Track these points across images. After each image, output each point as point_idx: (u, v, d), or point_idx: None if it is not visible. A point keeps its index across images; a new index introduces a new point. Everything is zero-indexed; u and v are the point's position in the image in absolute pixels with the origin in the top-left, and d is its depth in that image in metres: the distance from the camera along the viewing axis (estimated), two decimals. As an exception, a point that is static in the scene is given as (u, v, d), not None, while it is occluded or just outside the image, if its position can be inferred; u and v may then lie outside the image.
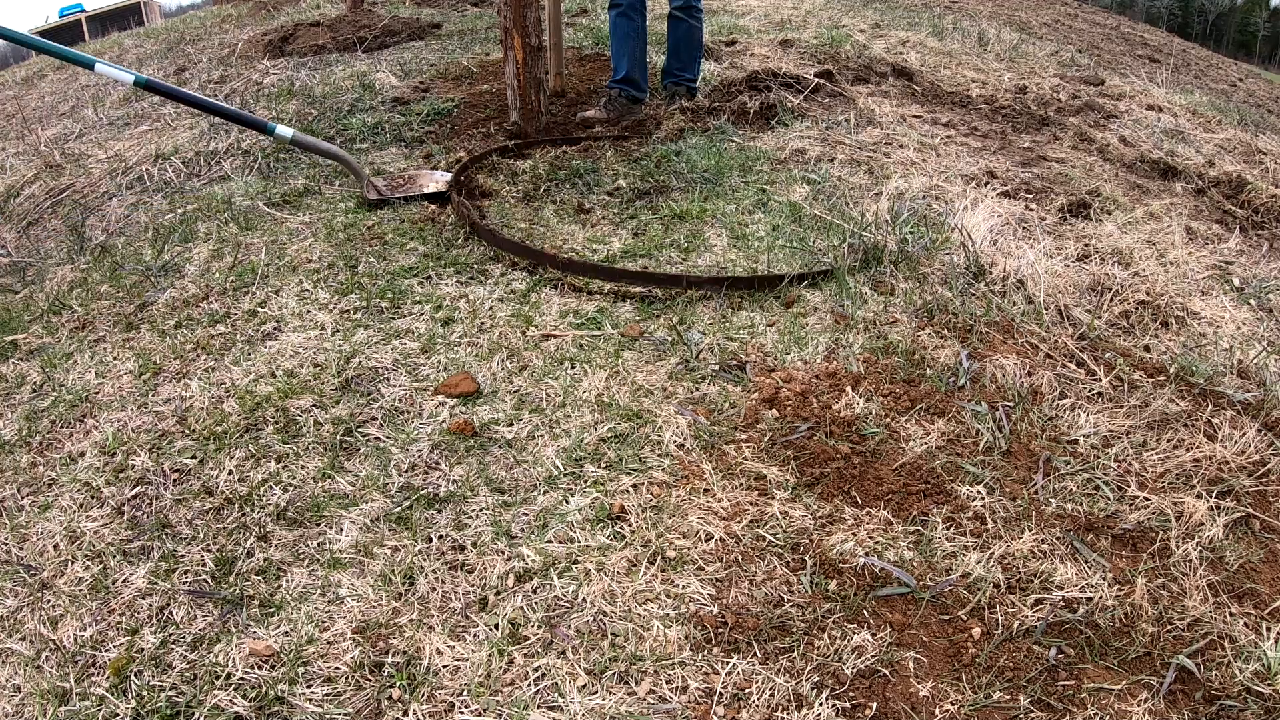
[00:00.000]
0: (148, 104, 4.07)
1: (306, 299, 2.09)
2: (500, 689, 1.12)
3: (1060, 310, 2.07)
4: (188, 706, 1.11)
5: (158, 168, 3.05)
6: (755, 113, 3.54)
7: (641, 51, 3.44)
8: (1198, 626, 1.23)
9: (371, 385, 1.75)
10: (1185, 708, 1.12)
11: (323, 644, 1.19)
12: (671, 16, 3.48)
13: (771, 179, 2.86)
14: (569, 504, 1.44)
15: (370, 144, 3.27)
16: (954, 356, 1.83)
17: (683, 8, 3.44)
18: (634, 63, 3.45)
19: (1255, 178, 3.40)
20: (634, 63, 3.45)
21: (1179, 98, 5.09)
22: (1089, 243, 2.49)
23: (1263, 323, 2.19)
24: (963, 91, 4.32)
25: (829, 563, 1.32)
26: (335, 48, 4.96)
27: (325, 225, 2.50)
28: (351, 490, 1.48)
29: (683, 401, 1.70)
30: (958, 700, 1.12)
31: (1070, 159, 3.48)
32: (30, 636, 1.23)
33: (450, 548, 1.36)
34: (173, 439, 1.62)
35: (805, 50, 4.57)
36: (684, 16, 3.47)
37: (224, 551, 1.36)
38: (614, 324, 1.98)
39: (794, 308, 2.04)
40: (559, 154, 3.17)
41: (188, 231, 2.49)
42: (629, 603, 1.25)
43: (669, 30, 3.58)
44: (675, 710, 1.09)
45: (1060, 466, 1.54)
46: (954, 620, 1.24)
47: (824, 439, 1.58)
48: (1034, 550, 1.34)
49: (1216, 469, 1.53)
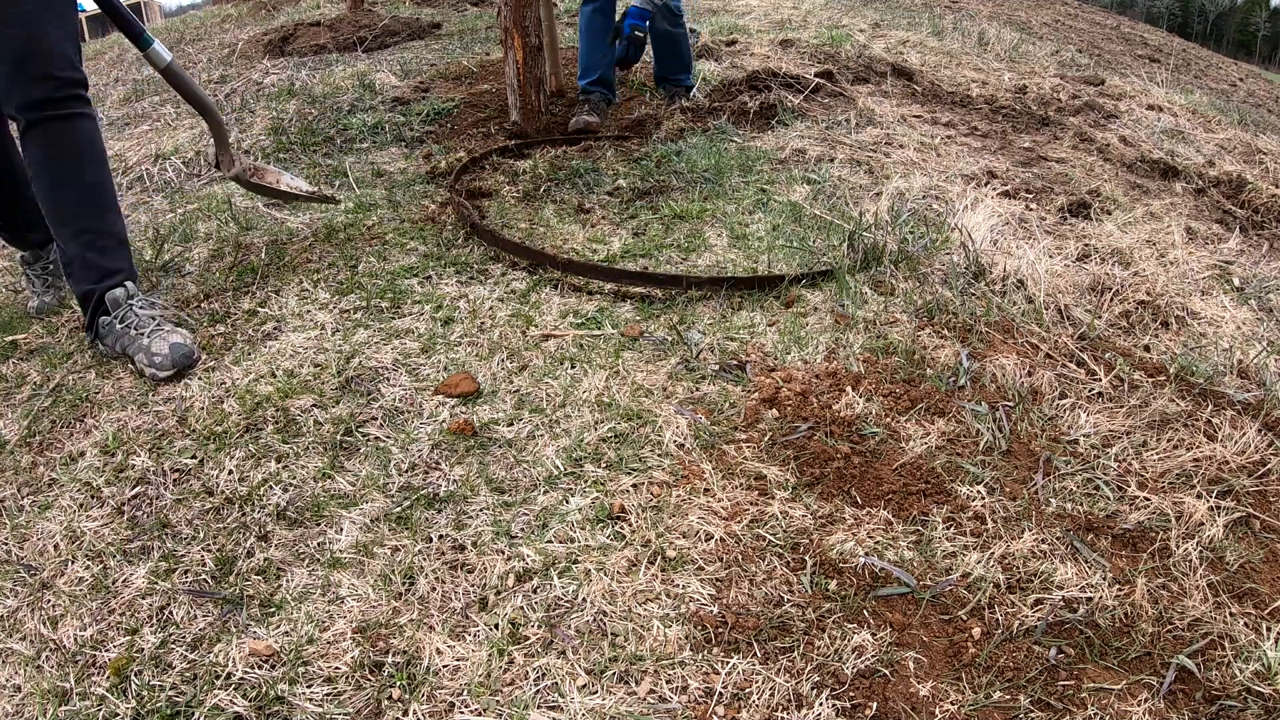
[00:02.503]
0: (148, 104, 4.07)
1: (306, 299, 2.09)
2: (500, 689, 1.12)
3: (1060, 310, 2.07)
4: (188, 706, 1.11)
5: (158, 168, 3.06)
6: (755, 113, 3.54)
7: (613, 52, 3.45)
8: (1198, 626, 1.23)
9: (371, 385, 1.75)
10: (1185, 708, 1.12)
11: (323, 644, 1.19)
12: (654, 24, 3.47)
13: (771, 179, 2.86)
14: (569, 504, 1.44)
15: (370, 144, 3.27)
16: (954, 356, 1.83)
17: (669, 16, 3.44)
18: (608, 64, 3.46)
19: (1255, 178, 3.40)
20: (608, 64, 3.46)
21: (1179, 98, 5.09)
22: (1089, 243, 2.49)
23: (1263, 323, 2.19)
24: (963, 91, 4.32)
25: (829, 563, 1.32)
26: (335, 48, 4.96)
27: (325, 225, 2.51)
28: (351, 490, 1.48)
29: (683, 401, 1.70)
30: (958, 700, 1.12)
31: (1070, 159, 3.48)
32: (30, 636, 1.23)
33: (450, 548, 1.36)
34: (173, 439, 1.62)
35: (805, 50, 4.57)
36: (668, 25, 3.47)
37: (224, 551, 1.36)
38: (614, 324, 1.98)
39: (794, 308, 2.04)
40: (559, 154, 3.17)
41: (188, 231, 2.49)
42: (629, 602, 1.25)
43: (652, 39, 3.58)
44: (675, 710, 1.09)
45: (1060, 466, 1.54)
46: (954, 620, 1.24)
47: (824, 439, 1.58)
48: (1034, 550, 1.34)
49: (1216, 469, 1.53)
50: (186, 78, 2.20)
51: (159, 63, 2.12)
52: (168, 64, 2.13)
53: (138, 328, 1.82)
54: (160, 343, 1.78)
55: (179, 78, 2.18)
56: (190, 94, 2.23)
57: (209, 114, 2.28)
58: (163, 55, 2.12)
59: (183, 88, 2.21)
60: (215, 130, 2.30)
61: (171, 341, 1.78)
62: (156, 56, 2.10)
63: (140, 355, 1.80)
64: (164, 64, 2.12)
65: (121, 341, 1.83)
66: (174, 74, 2.16)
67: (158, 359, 1.75)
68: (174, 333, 1.83)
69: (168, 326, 1.85)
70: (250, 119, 3.50)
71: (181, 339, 1.81)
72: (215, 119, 2.29)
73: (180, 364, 1.78)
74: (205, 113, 2.28)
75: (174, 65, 2.15)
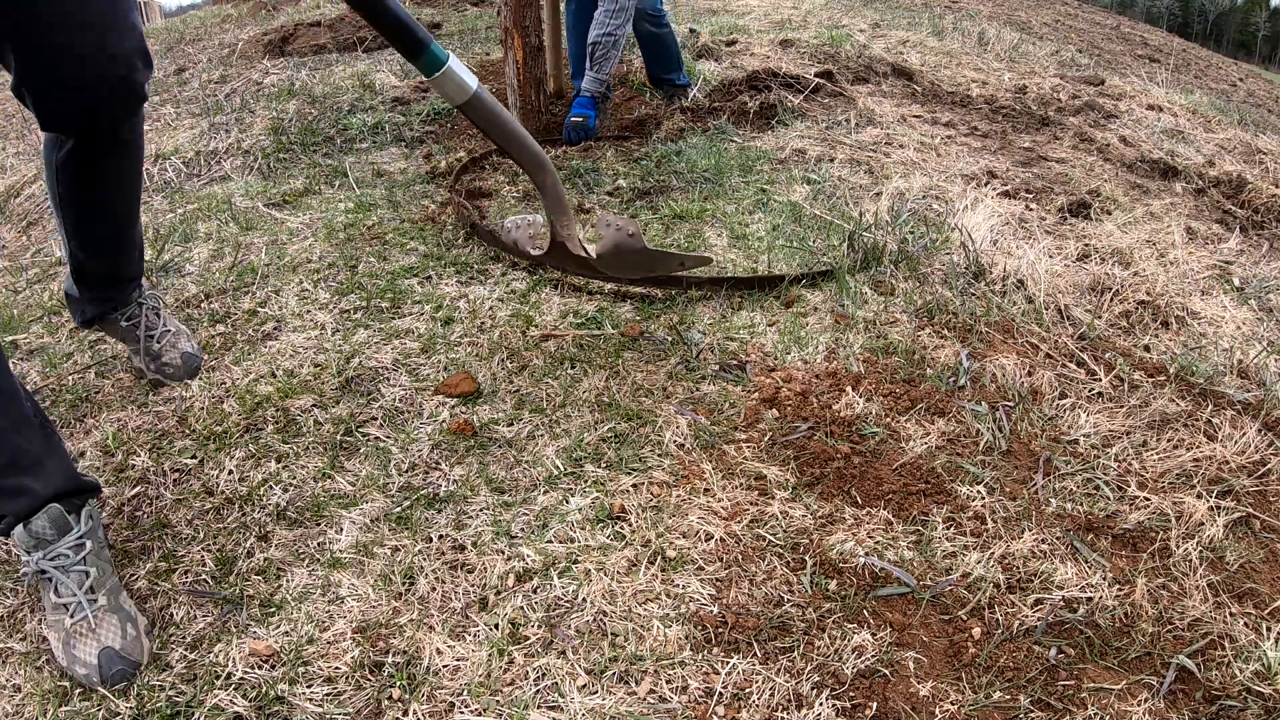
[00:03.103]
0: (147, 104, 4.06)
1: (306, 299, 2.09)
2: (500, 689, 1.12)
3: (1060, 310, 2.07)
4: (188, 706, 1.11)
5: (158, 168, 3.05)
6: (755, 113, 3.54)
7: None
8: (1198, 626, 1.23)
9: (371, 385, 1.75)
10: (1185, 708, 1.12)
11: (323, 644, 1.19)
12: (637, 28, 3.48)
13: (771, 179, 2.86)
14: (569, 504, 1.44)
15: (371, 144, 3.27)
16: (954, 356, 1.83)
17: (651, 19, 3.44)
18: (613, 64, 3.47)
19: (1255, 178, 3.40)
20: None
21: (1179, 97, 5.09)
22: (1089, 243, 2.49)
23: (1263, 323, 2.19)
24: (963, 91, 4.32)
25: (829, 563, 1.32)
26: (335, 48, 4.96)
27: (325, 225, 2.51)
28: (351, 490, 1.48)
29: (683, 401, 1.70)
30: (958, 700, 1.12)
31: (1070, 159, 3.48)
32: (30, 636, 1.23)
33: (450, 547, 1.36)
34: (173, 439, 1.62)
35: (805, 50, 4.57)
36: (652, 26, 3.47)
37: (224, 551, 1.36)
38: (614, 324, 1.98)
39: (794, 308, 2.04)
40: (559, 154, 3.17)
41: (188, 231, 2.49)
42: (629, 602, 1.25)
43: (640, 41, 3.59)
44: (675, 710, 1.09)
45: (1060, 466, 1.54)
46: (954, 620, 1.24)
47: (824, 439, 1.58)
48: (1034, 550, 1.34)
49: (1216, 469, 1.53)
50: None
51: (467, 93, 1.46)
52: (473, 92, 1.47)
53: (148, 330, 1.76)
54: (172, 351, 1.75)
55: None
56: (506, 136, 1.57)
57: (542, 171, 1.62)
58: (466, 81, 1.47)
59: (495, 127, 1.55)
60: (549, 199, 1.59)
61: (184, 350, 1.76)
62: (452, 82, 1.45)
63: (149, 362, 1.76)
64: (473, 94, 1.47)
65: (130, 339, 1.77)
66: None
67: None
68: (184, 337, 1.79)
69: (174, 327, 1.81)
70: (250, 119, 3.50)
71: (191, 347, 1.79)
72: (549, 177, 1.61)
73: (193, 374, 1.76)
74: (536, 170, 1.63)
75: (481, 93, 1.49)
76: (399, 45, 1.38)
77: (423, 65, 1.41)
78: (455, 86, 1.42)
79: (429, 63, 1.40)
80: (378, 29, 1.35)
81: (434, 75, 1.41)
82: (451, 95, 1.43)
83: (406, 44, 1.37)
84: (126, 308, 1.75)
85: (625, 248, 1.58)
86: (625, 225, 1.53)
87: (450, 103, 1.45)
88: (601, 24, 3.08)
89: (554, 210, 1.55)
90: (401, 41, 1.37)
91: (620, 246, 1.57)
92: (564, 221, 1.56)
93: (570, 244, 1.59)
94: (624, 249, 1.58)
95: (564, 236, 1.57)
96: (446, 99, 1.44)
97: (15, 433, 1.19)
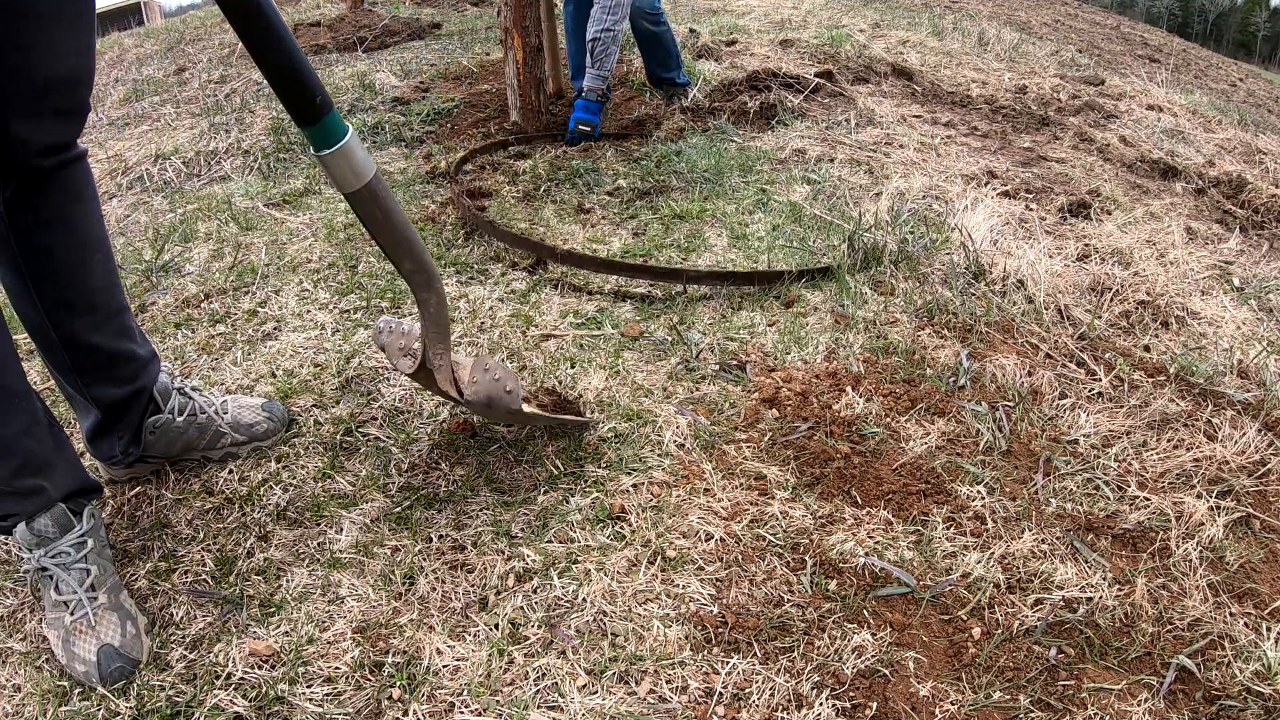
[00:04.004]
0: (147, 104, 4.07)
1: (306, 299, 2.09)
2: (500, 689, 1.12)
3: (1060, 310, 2.07)
4: (188, 706, 1.11)
5: (158, 168, 3.05)
6: (755, 113, 3.54)
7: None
8: (1198, 626, 1.23)
9: (371, 385, 1.75)
10: (1185, 708, 1.12)
11: (323, 644, 1.19)
12: (636, 27, 3.48)
13: (771, 179, 2.86)
14: (569, 504, 1.44)
15: (371, 144, 3.27)
16: (954, 356, 1.83)
17: (648, 18, 3.45)
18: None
19: (1255, 178, 3.40)
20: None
21: (1179, 97, 5.09)
22: (1089, 243, 2.49)
23: (1263, 323, 2.19)
24: (963, 91, 4.32)
25: (829, 563, 1.32)
26: (335, 48, 4.96)
27: (325, 225, 2.51)
28: (351, 490, 1.48)
29: (683, 401, 1.70)
30: (958, 700, 1.12)
31: (1070, 159, 3.48)
32: (30, 636, 1.23)
33: (450, 548, 1.36)
34: (173, 439, 1.62)
35: (805, 50, 4.57)
36: (649, 25, 3.48)
37: (224, 551, 1.36)
38: (614, 324, 1.98)
39: (794, 307, 2.04)
40: (559, 154, 3.17)
41: (188, 231, 2.49)
42: (629, 603, 1.25)
43: (638, 40, 3.60)
44: (675, 710, 1.09)
45: (1060, 466, 1.54)
46: (954, 620, 1.24)
47: (824, 439, 1.58)
48: (1034, 550, 1.34)
49: (1216, 469, 1.53)
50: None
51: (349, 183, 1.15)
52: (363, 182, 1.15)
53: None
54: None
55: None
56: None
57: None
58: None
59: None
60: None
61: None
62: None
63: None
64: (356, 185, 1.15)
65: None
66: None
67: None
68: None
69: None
70: (250, 119, 3.50)
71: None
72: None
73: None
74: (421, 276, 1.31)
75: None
76: (291, 105, 1.08)
77: (315, 135, 1.09)
78: (350, 169, 1.12)
79: (324, 134, 1.09)
80: (268, 78, 1.05)
81: (323, 152, 1.10)
82: (341, 179, 1.13)
83: (299, 105, 1.07)
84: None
85: (498, 404, 1.41)
86: (504, 379, 1.39)
87: (338, 188, 1.15)
88: (599, 20, 3.10)
89: (432, 336, 1.37)
90: (294, 101, 1.07)
91: (493, 400, 1.40)
92: (439, 350, 1.38)
93: (440, 375, 1.40)
94: (496, 404, 1.41)
95: (434, 366, 1.39)
96: (334, 182, 1.14)
97: (29, 435, 1.18)
